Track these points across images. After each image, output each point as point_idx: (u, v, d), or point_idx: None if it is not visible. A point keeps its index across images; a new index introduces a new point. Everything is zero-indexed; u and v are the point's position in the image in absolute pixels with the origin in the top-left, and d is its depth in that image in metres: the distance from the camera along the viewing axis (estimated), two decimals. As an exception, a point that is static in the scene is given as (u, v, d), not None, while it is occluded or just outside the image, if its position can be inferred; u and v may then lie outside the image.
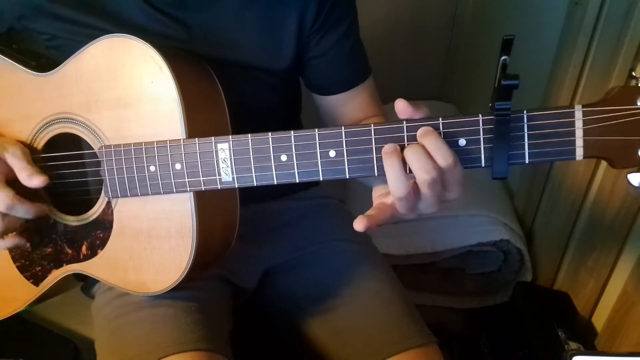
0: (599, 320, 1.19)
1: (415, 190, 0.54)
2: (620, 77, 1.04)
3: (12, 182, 0.68)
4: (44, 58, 0.76)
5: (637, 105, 0.50)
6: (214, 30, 0.74)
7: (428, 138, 0.52)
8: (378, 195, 0.63)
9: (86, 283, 0.87)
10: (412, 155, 0.52)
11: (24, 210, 0.68)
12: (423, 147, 0.52)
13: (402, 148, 0.54)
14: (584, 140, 0.51)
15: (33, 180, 0.68)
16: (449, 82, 1.99)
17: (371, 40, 0.85)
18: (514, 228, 1.39)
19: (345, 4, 0.78)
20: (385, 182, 0.55)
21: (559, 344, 1.11)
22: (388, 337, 0.75)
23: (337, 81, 0.83)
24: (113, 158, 0.67)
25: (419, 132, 0.53)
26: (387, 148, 0.54)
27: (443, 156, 0.52)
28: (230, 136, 0.60)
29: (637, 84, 0.51)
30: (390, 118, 0.56)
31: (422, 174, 0.52)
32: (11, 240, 0.73)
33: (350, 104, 0.84)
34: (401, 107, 0.54)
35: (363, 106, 0.85)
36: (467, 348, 1.40)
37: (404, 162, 0.53)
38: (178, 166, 0.63)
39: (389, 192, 0.55)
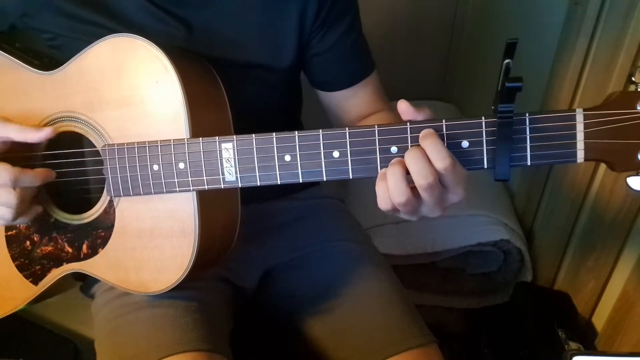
0: (599, 320, 1.19)
1: (416, 194, 0.54)
2: (620, 78, 1.04)
3: None
4: (46, 57, 0.76)
5: (637, 109, 0.51)
6: (215, 28, 0.74)
7: (427, 140, 0.53)
8: None
9: (85, 283, 0.86)
10: (410, 159, 0.53)
11: (31, 178, 0.66)
12: (422, 152, 0.53)
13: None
14: (585, 144, 0.52)
15: (38, 133, 0.67)
16: (449, 82, 1.99)
17: (371, 40, 0.85)
18: (514, 228, 1.39)
19: (345, 1, 0.78)
20: None
21: (559, 344, 1.12)
22: (388, 337, 0.75)
23: (341, 77, 0.83)
24: (116, 157, 0.67)
25: (421, 134, 0.54)
26: (394, 161, 0.55)
27: (441, 158, 0.52)
28: (235, 136, 0.60)
29: (636, 89, 0.51)
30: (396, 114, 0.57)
31: (419, 179, 0.53)
32: (31, 212, 0.70)
33: (355, 99, 0.84)
34: (403, 108, 0.55)
35: (368, 101, 0.85)
36: (467, 348, 1.40)
37: (407, 171, 0.54)
38: (181, 165, 0.63)
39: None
